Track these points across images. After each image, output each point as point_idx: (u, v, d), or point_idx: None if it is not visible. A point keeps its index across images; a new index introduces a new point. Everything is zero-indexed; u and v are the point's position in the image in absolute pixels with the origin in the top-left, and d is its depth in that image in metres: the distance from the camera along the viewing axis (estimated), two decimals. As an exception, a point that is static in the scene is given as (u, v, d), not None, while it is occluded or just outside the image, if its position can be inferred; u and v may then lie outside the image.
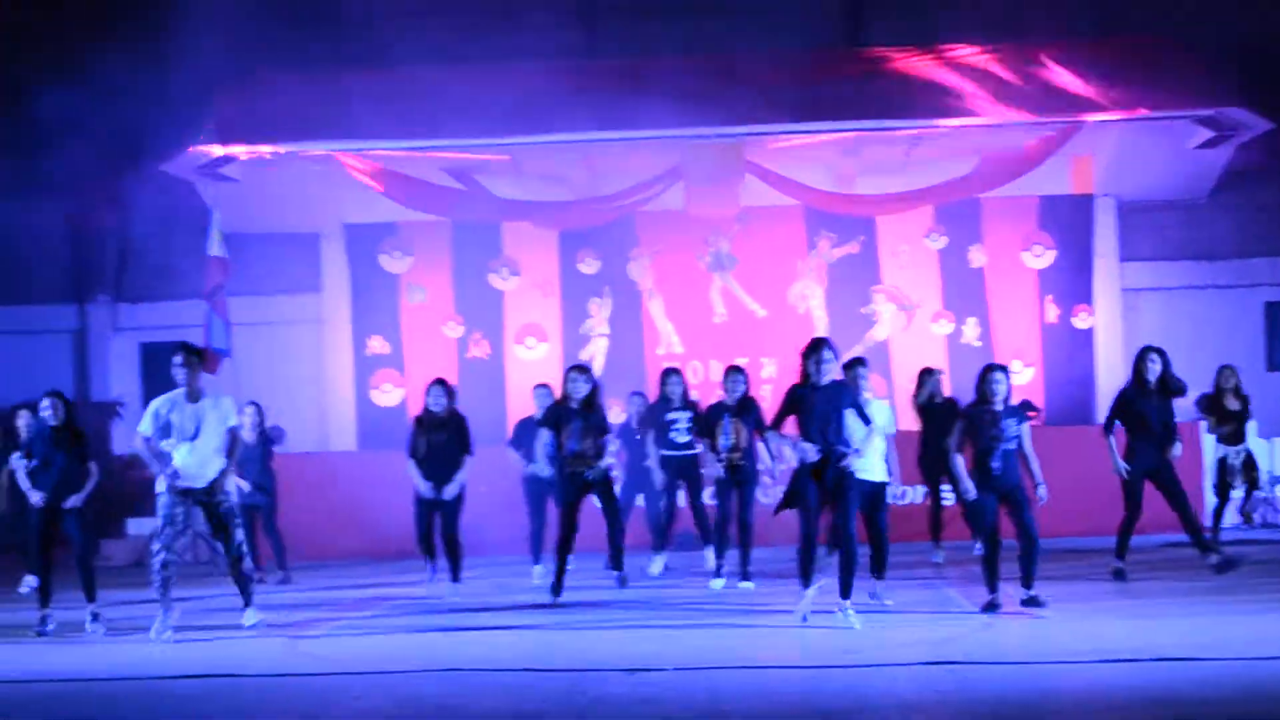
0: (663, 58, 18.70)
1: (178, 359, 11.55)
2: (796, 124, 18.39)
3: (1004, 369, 11.74)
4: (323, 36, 18.04)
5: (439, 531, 13.68)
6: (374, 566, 16.38)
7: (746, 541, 13.66)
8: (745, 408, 13.72)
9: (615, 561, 13.37)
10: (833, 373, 11.07)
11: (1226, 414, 15.50)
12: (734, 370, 14.03)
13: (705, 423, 13.99)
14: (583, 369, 13.36)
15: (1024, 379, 19.13)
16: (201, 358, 11.81)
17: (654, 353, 20.08)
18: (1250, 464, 15.59)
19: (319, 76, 18.87)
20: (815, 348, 11.10)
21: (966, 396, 12.15)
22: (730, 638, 10.69)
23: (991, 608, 11.36)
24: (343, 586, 14.95)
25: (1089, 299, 19.95)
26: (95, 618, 11.95)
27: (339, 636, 11.54)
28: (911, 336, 19.99)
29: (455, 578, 13.65)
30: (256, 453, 15.62)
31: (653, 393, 15.73)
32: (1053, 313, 19.96)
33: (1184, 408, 15.11)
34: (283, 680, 9.65)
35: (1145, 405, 13.41)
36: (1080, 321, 19.92)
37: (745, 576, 13.52)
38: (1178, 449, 13.53)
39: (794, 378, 11.19)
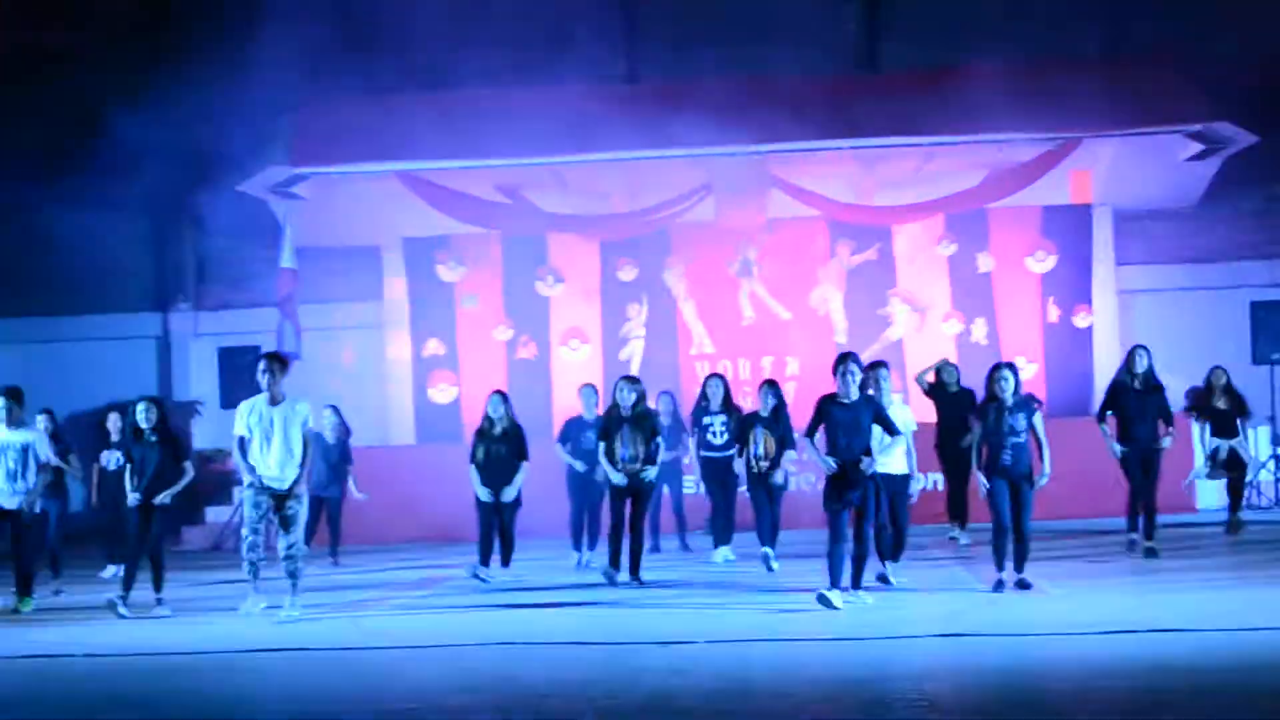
0: (696, 80, 18.67)
1: (261, 365, 11.38)
2: (819, 141, 18.33)
3: (1012, 367, 11.63)
4: (383, 62, 18.05)
5: (496, 529, 13.54)
6: (431, 550, 16.39)
7: (773, 531, 13.56)
8: (776, 419, 13.58)
9: (633, 568, 12.75)
10: (856, 384, 10.95)
11: (1216, 411, 15.31)
12: (769, 384, 13.85)
13: (740, 429, 13.86)
14: (632, 379, 13.11)
15: (1028, 374, 18.99)
16: (284, 364, 11.52)
17: (687, 353, 20.03)
18: (1235, 461, 15.29)
19: (380, 100, 18.91)
20: (842, 361, 11.00)
21: (977, 390, 12.07)
22: (756, 615, 10.64)
23: (1000, 586, 11.30)
24: (402, 568, 14.97)
25: (1088, 300, 19.82)
26: (160, 602, 11.95)
27: (398, 614, 11.53)
28: (924, 336, 19.90)
29: (505, 564, 13.60)
30: (335, 453, 15.68)
31: (688, 392, 15.62)
32: (1054, 313, 19.84)
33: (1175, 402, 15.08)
34: (346, 654, 9.66)
35: (1133, 396, 13.43)
36: (1080, 321, 19.79)
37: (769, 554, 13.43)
38: (1167, 441, 13.48)
39: (814, 376, 11.11)
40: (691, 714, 7.39)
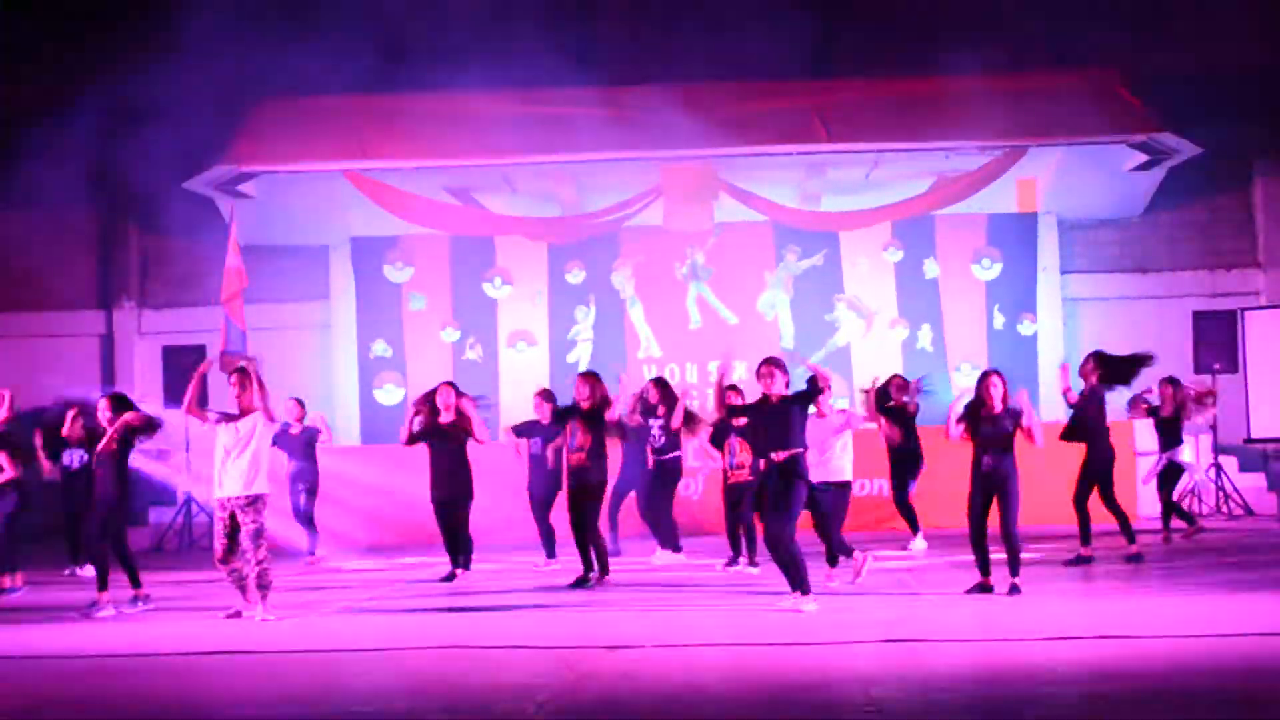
0: (646, 84, 18.71)
1: (233, 379, 11.14)
2: (767, 145, 18.39)
3: (999, 374, 11.61)
4: (331, 62, 17.96)
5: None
6: (375, 553, 16.33)
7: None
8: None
9: (602, 567, 12.89)
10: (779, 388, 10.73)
11: (1165, 421, 15.36)
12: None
13: (717, 435, 13.66)
14: (592, 375, 13.11)
15: (972, 381, 19.11)
16: (251, 378, 11.12)
17: (635, 356, 20.06)
18: (1170, 472, 15.29)
19: (328, 100, 18.84)
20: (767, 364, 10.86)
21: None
22: (705, 619, 10.66)
23: (983, 589, 11.34)
24: (345, 570, 14.91)
25: (1033, 308, 19.99)
26: (138, 599, 11.89)
27: (344, 616, 11.49)
28: (870, 342, 20.02)
29: (466, 566, 13.58)
30: (300, 443, 15.59)
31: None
32: (1000, 320, 20.01)
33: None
34: (291, 656, 9.60)
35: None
36: (1025, 328, 19.95)
37: (752, 563, 13.38)
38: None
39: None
40: (638, 717, 7.39)
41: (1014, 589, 11.24)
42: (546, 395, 14.40)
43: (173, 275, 20.92)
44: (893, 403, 14.65)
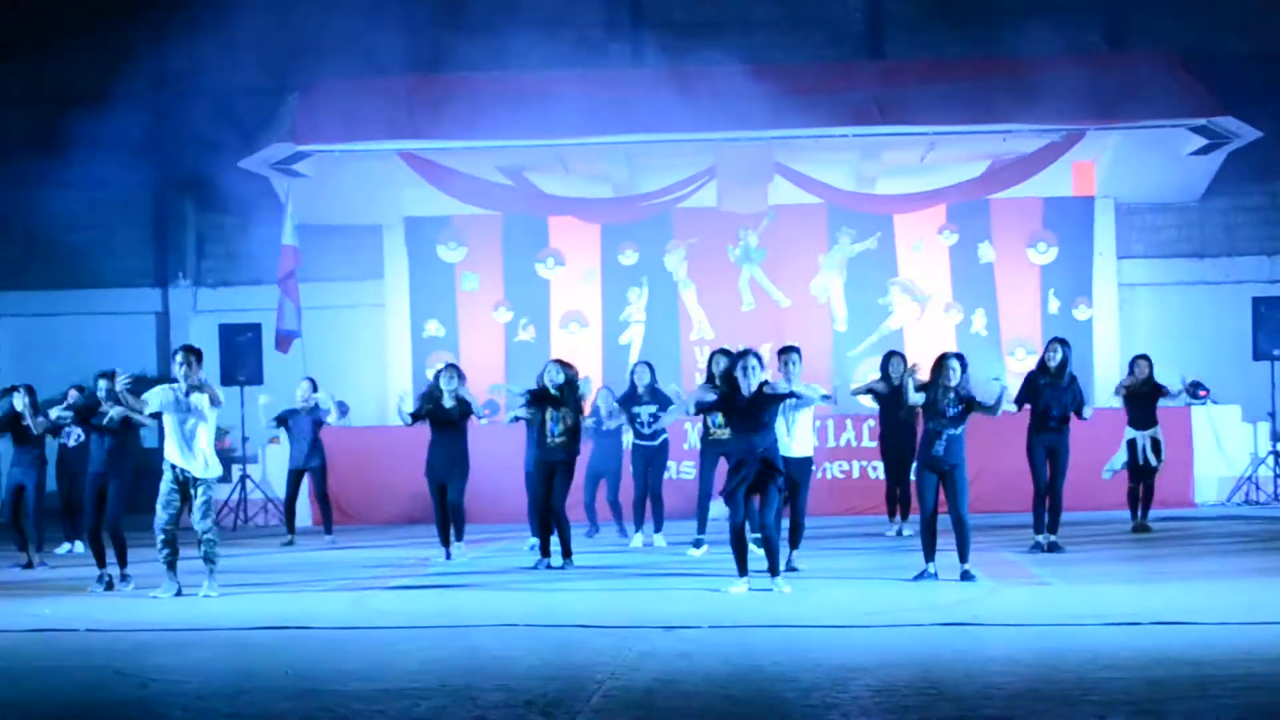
0: (700, 65, 18.66)
1: (178, 358, 11.28)
2: (823, 128, 18.34)
3: (960, 357, 11.47)
4: (387, 42, 18.03)
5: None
6: (430, 531, 16.40)
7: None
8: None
9: (564, 549, 12.86)
10: (756, 378, 10.71)
11: (1135, 401, 15.17)
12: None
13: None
14: (563, 363, 13.20)
15: (1027, 366, 19.03)
16: (199, 357, 11.37)
17: (688, 338, 20.07)
18: (1153, 453, 15.04)
19: (384, 80, 18.90)
20: (743, 356, 10.83)
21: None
22: (755, 601, 10.66)
23: (923, 576, 11.31)
24: (402, 548, 14.99)
25: (1089, 293, 19.88)
26: (125, 578, 11.99)
27: (401, 593, 11.56)
28: (924, 326, 19.94)
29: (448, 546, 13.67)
30: (307, 422, 15.69)
31: (690, 378, 15.41)
32: (1054, 305, 19.90)
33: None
34: (351, 632, 9.68)
35: (1046, 389, 13.28)
36: (1080, 313, 19.84)
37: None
38: (1086, 412, 13.46)
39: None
40: (696, 696, 7.42)
41: (966, 575, 11.20)
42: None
43: (229, 253, 21.08)
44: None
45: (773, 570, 10.85)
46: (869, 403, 16.20)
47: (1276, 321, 18.07)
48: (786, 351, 12.15)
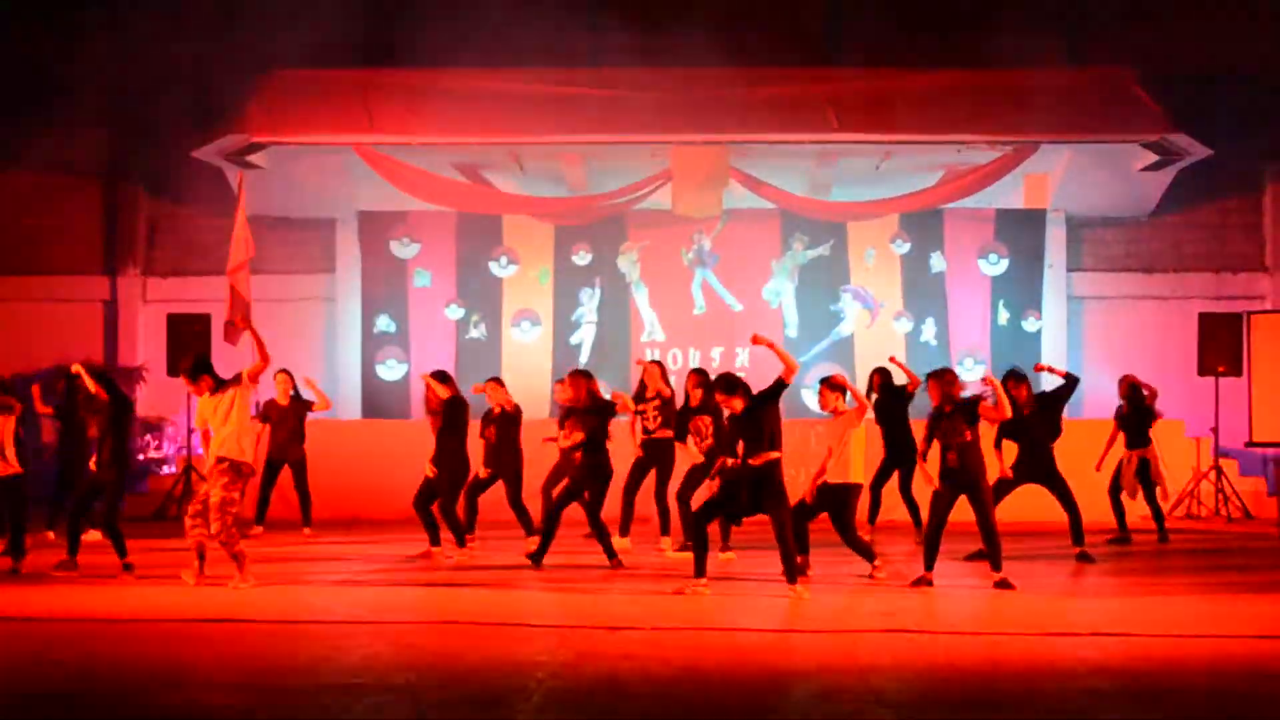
0: (658, 67, 18.67)
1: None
2: (778, 133, 18.40)
3: (951, 373, 11.63)
4: (344, 36, 17.96)
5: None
6: (373, 527, 16.33)
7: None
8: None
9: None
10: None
11: (1129, 421, 15.26)
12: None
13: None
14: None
15: (975, 375, 19.15)
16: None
17: (638, 340, 20.06)
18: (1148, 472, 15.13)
19: (340, 73, 18.83)
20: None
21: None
22: (705, 604, 10.66)
23: (922, 582, 11.36)
24: (344, 544, 14.90)
25: (1038, 305, 20.00)
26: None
27: (343, 589, 11.50)
28: (874, 333, 20.00)
29: (436, 543, 13.57)
30: (290, 414, 15.62)
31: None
32: (1004, 316, 20.00)
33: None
34: (289, 626, 9.61)
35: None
36: (1029, 325, 19.96)
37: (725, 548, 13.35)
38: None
39: (762, 368, 11.05)
40: (637, 697, 7.41)
41: (1003, 583, 11.24)
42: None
43: (179, 243, 20.90)
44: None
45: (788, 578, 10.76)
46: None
47: (1221, 337, 18.23)
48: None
